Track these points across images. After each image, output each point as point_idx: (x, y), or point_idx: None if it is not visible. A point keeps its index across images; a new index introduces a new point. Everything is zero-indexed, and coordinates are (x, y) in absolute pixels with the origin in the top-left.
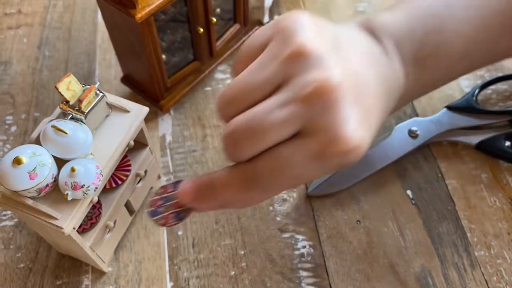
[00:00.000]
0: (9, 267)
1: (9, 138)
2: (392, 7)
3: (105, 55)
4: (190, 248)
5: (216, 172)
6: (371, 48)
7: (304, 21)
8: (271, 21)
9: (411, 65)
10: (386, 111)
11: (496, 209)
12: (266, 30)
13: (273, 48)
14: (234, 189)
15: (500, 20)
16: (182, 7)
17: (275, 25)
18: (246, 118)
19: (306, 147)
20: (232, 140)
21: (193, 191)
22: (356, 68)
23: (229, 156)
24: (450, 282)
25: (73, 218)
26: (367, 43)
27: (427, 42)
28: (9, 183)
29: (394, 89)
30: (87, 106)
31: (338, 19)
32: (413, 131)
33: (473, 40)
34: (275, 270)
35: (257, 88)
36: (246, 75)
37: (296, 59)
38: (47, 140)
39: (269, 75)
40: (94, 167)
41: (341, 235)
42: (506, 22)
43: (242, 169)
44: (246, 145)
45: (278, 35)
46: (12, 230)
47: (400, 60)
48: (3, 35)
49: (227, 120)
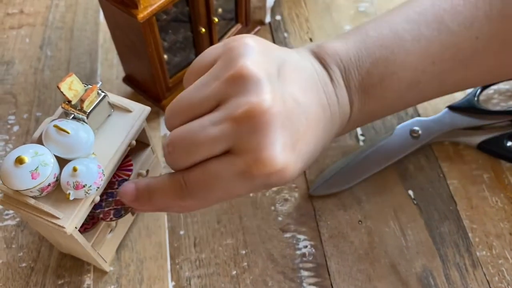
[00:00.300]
0: (11, 266)
1: (11, 137)
2: (345, 35)
3: (107, 55)
4: (192, 248)
5: (157, 178)
6: (317, 75)
7: (251, 45)
8: (222, 41)
9: (357, 93)
10: (326, 137)
11: (498, 209)
12: (215, 49)
13: (217, 68)
14: (169, 196)
15: (452, 53)
16: (184, 7)
17: (224, 45)
18: (183, 131)
19: (234, 164)
20: (170, 150)
21: (132, 193)
22: (294, 95)
23: (168, 164)
24: (452, 282)
25: (75, 218)
26: (312, 70)
27: (375, 72)
28: (11, 182)
29: (336, 116)
30: (89, 105)
31: (339, 19)
32: (415, 131)
33: (422, 72)
34: (276, 270)
35: (198, 103)
36: (191, 90)
37: (235, 81)
38: (49, 139)
39: (210, 93)
40: (96, 167)
41: (342, 235)
42: (459, 55)
43: (177, 179)
44: (181, 156)
45: (224, 56)
46: (14, 229)
47: (346, 88)
48: (6, 35)
49: (170, 130)
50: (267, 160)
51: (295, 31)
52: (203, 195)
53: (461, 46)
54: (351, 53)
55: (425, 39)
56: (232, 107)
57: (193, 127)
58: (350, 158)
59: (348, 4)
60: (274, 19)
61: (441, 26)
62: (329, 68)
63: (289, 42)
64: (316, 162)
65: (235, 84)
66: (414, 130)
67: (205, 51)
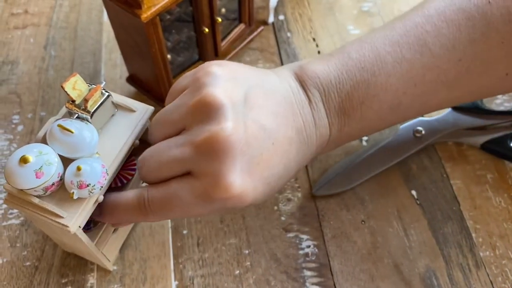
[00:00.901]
0: (15, 265)
1: (16, 137)
2: (327, 56)
3: (111, 55)
4: (195, 247)
5: (123, 194)
6: (293, 97)
7: (217, 74)
8: (193, 69)
9: (337, 116)
10: (300, 159)
11: (502, 209)
12: (186, 77)
13: (185, 95)
14: (132, 213)
15: (434, 75)
16: (188, 7)
17: (193, 74)
18: (152, 149)
19: (193, 186)
20: (140, 165)
21: (99, 207)
22: (259, 121)
23: (140, 177)
24: (455, 282)
25: (78, 217)
26: (289, 92)
27: (355, 94)
28: (16, 181)
29: (313, 138)
30: (93, 105)
31: (343, 19)
32: (418, 131)
33: (403, 94)
34: (279, 270)
35: (168, 126)
36: (164, 111)
37: (199, 108)
38: (53, 139)
39: (177, 117)
40: (99, 166)
41: (345, 235)
42: (441, 77)
43: (140, 195)
44: (148, 172)
45: (192, 84)
46: (18, 228)
47: (325, 110)
48: (10, 35)
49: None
50: (223, 185)
51: (298, 31)
52: (163, 213)
53: (444, 68)
54: (331, 76)
55: (406, 61)
56: (194, 133)
57: (160, 146)
58: (353, 158)
59: (352, 4)
60: (277, 19)
61: (423, 48)
62: (308, 91)
63: (292, 42)
64: (319, 162)
65: (198, 111)
66: (417, 130)
67: (180, 77)
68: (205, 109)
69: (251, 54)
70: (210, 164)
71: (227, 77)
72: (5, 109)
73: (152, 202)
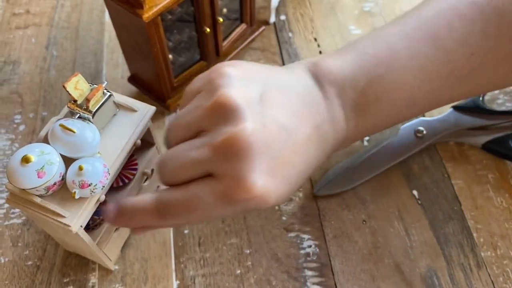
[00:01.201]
0: (17, 264)
1: (18, 137)
2: (341, 51)
3: (112, 55)
4: (196, 247)
5: (140, 198)
6: (310, 94)
7: (231, 74)
8: (207, 71)
9: (353, 112)
10: (319, 156)
11: (503, 209)
12: (200, 79)
13: (200, 98)
14: (151, 217)
15: (448, 69)
16: (189, 7)
17: (207, 76)
18: (170, 152)
19: (214, 188)
20: (159, 168)
21: (115, 215)
22: (277, 119)
23: (159, 180)
24: (456, 282)
25: (80, 216)
26: (305, 89)
27: (370, 90)
28: (18, 181)
29: (330, 134)
30: (95, 105)
31: (344, 19)
32: (420, 131)
33: (418, 89)
34: (280, 269)
35: (184, 129)
36: (180, 115)
37: (215, 110)
38: (55, 139)
39: (193, 120)
40: (101, 166)
41: (346, 235)
42: (455, 71)
43: (159, 199)
44: (167, 175)
45: (206, 86)
46: (20, 228)
47: (340, 106)
48: (12, 35)
49: (167, 148)
50: (245, 186)
51: (299, 31)
52: (183, 216)
53: (457, 63)
54: (346, 72)
55: (421, 56)
56: (213, 135)
57: (178, 149)
58: (354, 158)
59: (353, 4)
60: (278, 19)
61: (437, 43)
62: (324, 87)
63: (293, 42)
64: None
65: (215, 113)
66: (418, 130)
67: (193, 80)
68: (221, 111)
69: (253, 54)
70: (231, 165)
71: (241, 77)
72: (7, 109)
73: (172, 204)
